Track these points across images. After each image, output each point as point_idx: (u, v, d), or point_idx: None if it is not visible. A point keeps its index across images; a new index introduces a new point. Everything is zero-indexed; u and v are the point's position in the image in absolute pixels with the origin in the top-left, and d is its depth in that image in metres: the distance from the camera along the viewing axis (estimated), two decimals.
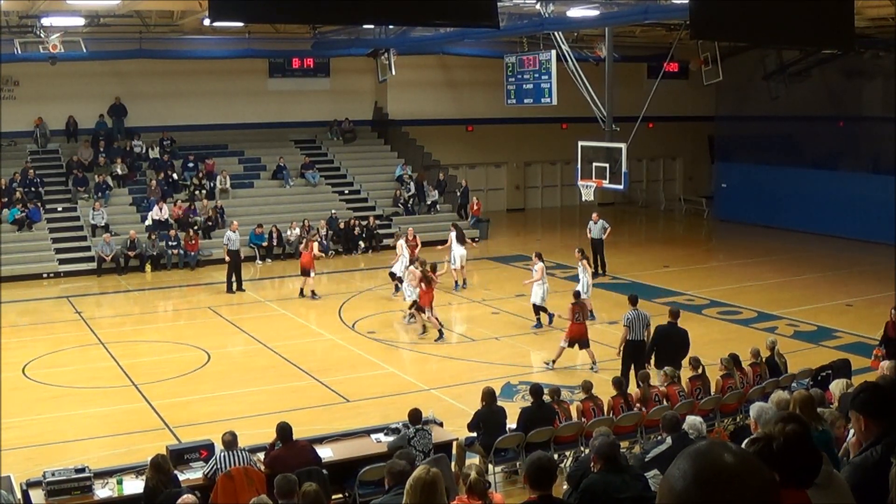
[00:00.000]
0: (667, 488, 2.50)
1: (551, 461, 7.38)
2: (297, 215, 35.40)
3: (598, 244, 29.98)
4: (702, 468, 2.46)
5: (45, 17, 28.89)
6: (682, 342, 17.46)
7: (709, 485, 2.43)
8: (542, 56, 31.84)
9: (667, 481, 2.51)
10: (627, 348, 17.87)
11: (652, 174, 50.10)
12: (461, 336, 23.64)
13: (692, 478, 2.45)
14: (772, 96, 42.02)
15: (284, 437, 12.16)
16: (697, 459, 2.49)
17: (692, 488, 2.43)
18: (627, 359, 17.89)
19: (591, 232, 30.03)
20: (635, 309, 18.20)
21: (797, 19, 5.25)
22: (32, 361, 21.16)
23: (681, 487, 2.45)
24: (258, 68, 40.31)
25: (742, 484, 2.44)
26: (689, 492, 2.44)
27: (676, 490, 2.46)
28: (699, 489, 2.43)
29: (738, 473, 2.45)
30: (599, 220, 29.99)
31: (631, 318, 17.92)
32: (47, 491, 11.37)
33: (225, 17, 4.89)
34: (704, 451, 2.52)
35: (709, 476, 2.44)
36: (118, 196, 35.67)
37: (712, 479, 2.44)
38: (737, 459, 2.48)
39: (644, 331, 17.91)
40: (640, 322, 17.92)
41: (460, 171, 43.61)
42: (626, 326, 17.91)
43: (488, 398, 14.22)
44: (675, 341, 17.43)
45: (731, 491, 2.42)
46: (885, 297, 25.18)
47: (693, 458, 2.50)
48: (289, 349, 22.07)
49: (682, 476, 2.47)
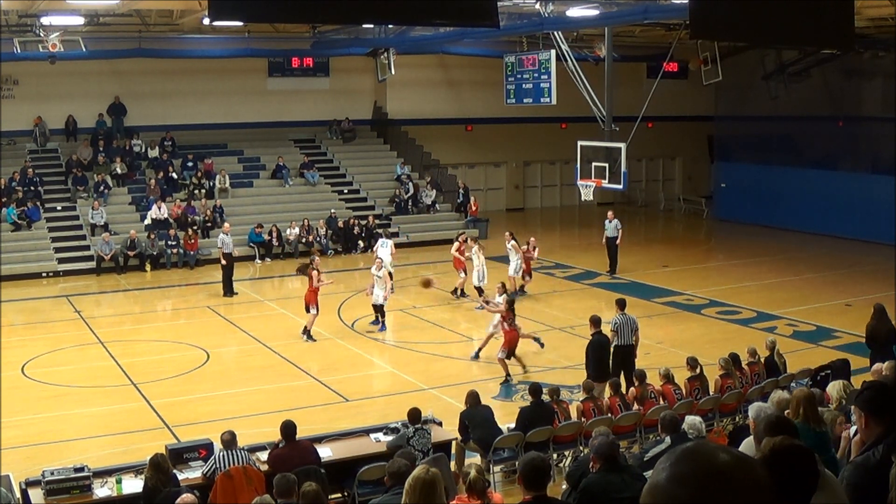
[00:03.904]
0: (656, 489, 2.40)
1: (545, 461, 7.35)
2: (296, 215, 35.42)
3: (612, 243, 30.00)
4: (694, 468, 2.37)
5: (44, 17, 28.91)
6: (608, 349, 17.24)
7: (702, 485, 2.34)
8: (542, 56, 31.83)
9: (655, 481, 2.41)
10: (615, 354, 17.70)
11: (651, 174, 50.09)
12: (461, 335, 23.63)
13: (683, 478, 2.36)
14: (771, 96, 42.03)
15: (288, 436, 12.17)
16: (689, 459, 2.40)
17: (684, 488, 2.34)
18: (616, 365, 17.69)
19: (607, 231, 30.04)
20: (623, 313, 17.99)
21: (797, 19, 5.25)
22: (32, 360, 21.16)
23: (671, 488, 2.36)
24: (258, 68, 40.31)
25: (736, 484, 2.35)
26: (679, 492, 2.34)
27: (666, 490, 2.37)
28: (691, 489, 2.33)
29: (732, 473, 2.36)
30: (615, 219, 29.96)
31: (619, 323, 17.68)
32: (46, 490, 11.37)
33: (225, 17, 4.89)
34: (696, 450, 2.43)
35: (702, 476, 2.35)
36: (117, 195, 35.66)
37: (705, 480, 2.34)
38: (730, 458, 2.38)
39: (633, 336, 17.76)
40: (628, 326, 17.73)
41: (459, 171, 43.62)
42: (614, 331, 17.63)
43: (471, 400, 14.22)
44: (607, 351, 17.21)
45: (724, 491, 2.33)
46: (885, 297, 25.15)
47: (685, 457, 2.41)
48: (288, 348, 22.07)
49: (672, 476, 2.37)
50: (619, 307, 18.30)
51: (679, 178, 50.90)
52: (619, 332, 17.63)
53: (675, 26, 32.32)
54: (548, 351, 21.11)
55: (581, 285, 28.15)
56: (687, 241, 39.39)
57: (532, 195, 48.03)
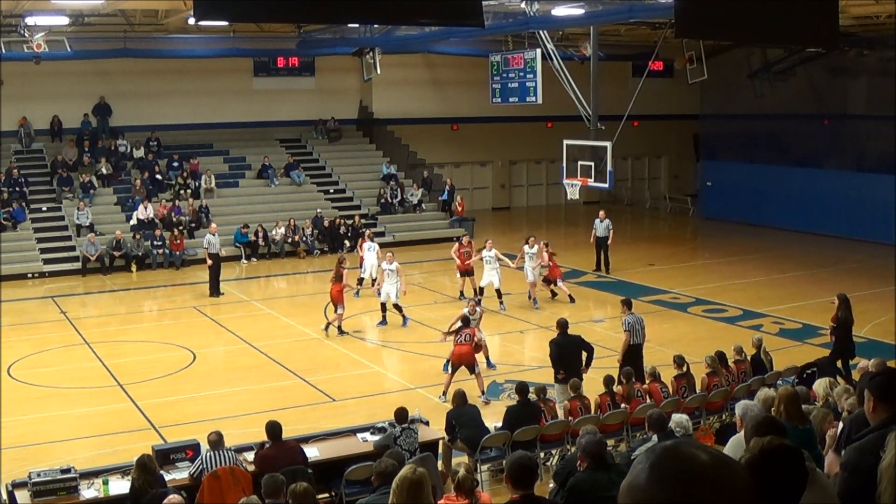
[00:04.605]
0: (634, 489, 2.38)
1: (532, 460, 7.36)
2: (282, 214, 35.37)
3: (603, 242, 30.01)
4: (674, 469, 2.35)
5: (29, 17, 28.82)
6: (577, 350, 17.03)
7: (682, 486, 2.31)
8: (528, 55, 31.88)
9: (634, 481, 2.39)
10: (627, 353, 17.74)
11: (637, 173, 50.12)
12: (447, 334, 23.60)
13: (663, 479, 2.33)
14: (756, 94, 42.14)
15: (273, 436, 12.16)
16: (669, 459, 2.37)
17: (664, 490, 2.32)
18: (628, 364, 17.64)
19: (596, 230, 30.02)
20: (632, 313, 18.13)
21: (781, 18, 5.26)
22: (17, 362, 21.08)
23: (651, 488, 2.34)
24: (243, 67, 40.24)
25: (716, 485, 2.32)
26: (659, 493, 2.32)
27: (646, 491, 2.35)
28: (671, 491, 2.31)
29: (713, 474, 2.33)
30: (606, 218, 29.95)
31: (631, 323, 17.78)
32: (33, 492, 11.34)
33: (210, 17, 4.87)
34: (676, 450, 2.40)
35: (682, 477, 2.32)
36: (103, 196, 35.55)
37: (685, 481, 2.32)
38: (710, 459, 2.36)
39: (642, 333, 17.85)
40: (638, 325, 17.83)
41: (446, 170, 43.63)
42: (628, 331, 17.68)
43: (458, 400, 14.24)
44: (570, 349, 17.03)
45: (704, 492, 2.31)
46: (871, 295, 25.32)
47: (665, 457, 2.38)
48: (274, 348, 22.04)
49: (651, 477, 2.35)
50: (627, 307, 18.36)
51: (665, 177, 51.03)
52: (632, 332, 17.67)
53: (661, 25, 32.38)
54: (533, 349, 21.13)
55: (567, 284, 28.08)
56: (673, 240, 39.46)
57: (518, 194, 48.06)
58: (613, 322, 23.03)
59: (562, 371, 16.54)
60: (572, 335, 17.22)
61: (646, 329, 18.06)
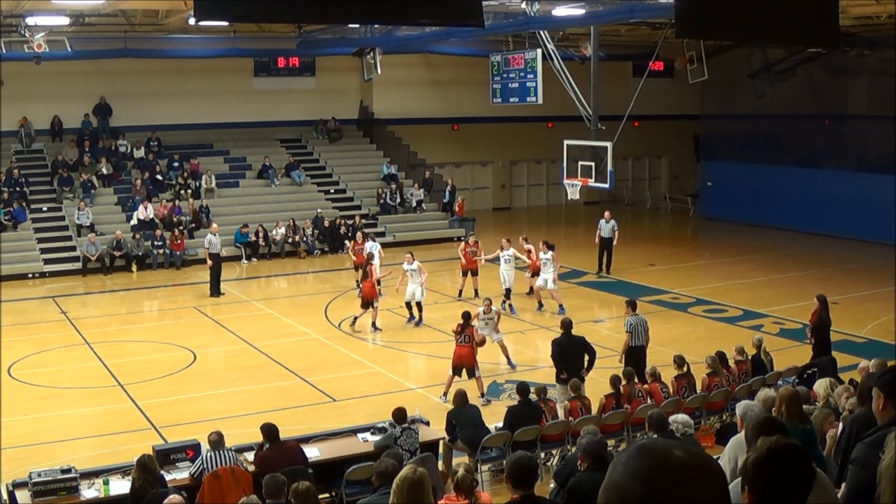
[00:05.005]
0: (611, 485, 2.39)
1: (532, 460, 7.37)
2: (282, 215, 35.37)
3: (608, 243, 29.99)
4: (649, 464, 2.36)
5: (29, 17, 28.81)
6: (580, 351, 17.06)
7: (656, 481, 2.33)
8: (528, 55, 31.87)
9: (611, 479, 2.40)
10: (629, 354, 17.75)
11: (637, 173, 50.10)
12: (448, 334, 23.59)
13: (638, 474, 2.35)
14: (757, 95, 42.15)
15: (271, 438, 12.15)
16: (645, 455, 2.38)
17: (639, 484, 2.33)
18: (630, 365, 17.62)
19: (601, 231, 29.99)
20: (636, 314, 18.12)
21: (782, 18, 5.26)
22: (18, 362, 21.09)
23: (626, 483, 2.35)
24: (243, 67, 40.23)
25: (690, 481, 2.34)
26: (634, 487, 2.33)
27: (621, 487, 2.36)
28: (645, 485, 2.33)
29: (687, 470, 2.35)
30: (611, 219, 29.93)
31: (634, 324, 17.76)
32: (33, 492, 11.35)
33: (210, 17, 4.87)
34: (651, 447, 2.42)
35: (656, 472, 2.34)
36: (103, 196, 35.55)
37: (659, 476, 2.33)
38: (687, 456, 2.37)
39: (644, 336, 17.84)
40: (641, 327, 17.82)
41: (446, 170, 43.63)
42: (629, 332, 17.70)
43: (458, 400, 14.26)
44: (572, 350, 17.08)
45: (678, 488, 2.32)
46: (871, 295, 25.35)
47: (640, 454, 2.39)
48: (275, 349, 22.04)
49: (627, 472, 2.36)
50: (631, 308, 18.34)
51: (665, 177, 50.99)
52: (634, 333, 17.66)
53: (661, 25, 32.37)
54: (534, 350, 21.13)
55: (568, 284, 28.12)
56: (673, 240, 39.46)
57: (519, 194, 48.05)
58: (614, 322, 23.03)
59: (564, 371, 16.57)
60: (576, 336, 17.26)
61: (649, 331, 18.04)
